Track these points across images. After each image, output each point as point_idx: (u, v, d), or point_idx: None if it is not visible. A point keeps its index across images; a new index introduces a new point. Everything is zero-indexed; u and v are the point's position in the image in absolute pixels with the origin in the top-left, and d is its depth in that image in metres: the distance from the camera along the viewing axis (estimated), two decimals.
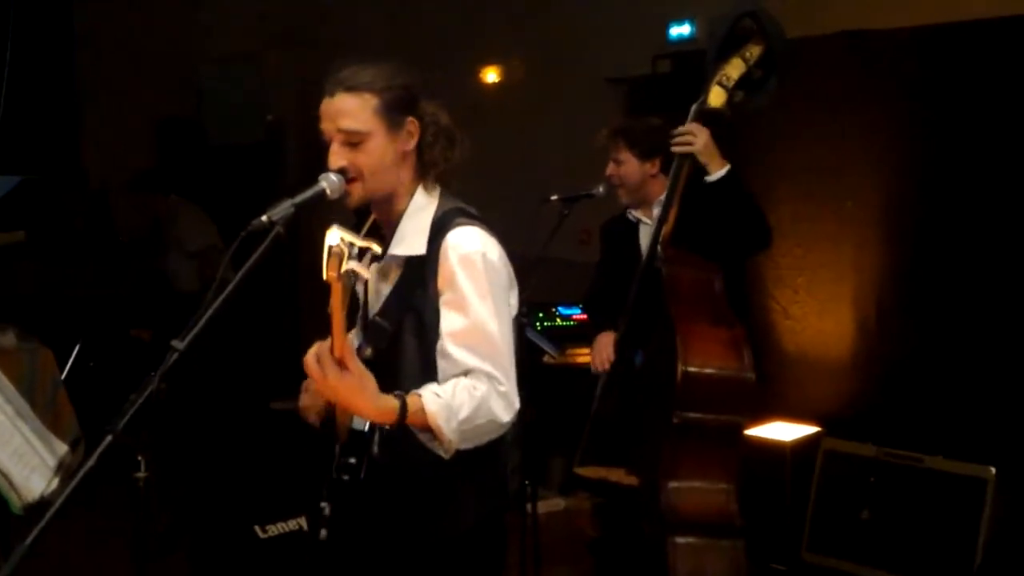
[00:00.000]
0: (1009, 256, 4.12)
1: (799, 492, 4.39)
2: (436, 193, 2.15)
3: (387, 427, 1.93)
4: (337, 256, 1.63)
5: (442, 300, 2.03)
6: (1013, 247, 4.11)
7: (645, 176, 3.53)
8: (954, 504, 3.98)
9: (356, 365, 1.82)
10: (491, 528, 2.19)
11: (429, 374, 2.03)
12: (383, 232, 2.18)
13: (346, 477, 2.08)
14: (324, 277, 1.64)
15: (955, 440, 4.13)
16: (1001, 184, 4.14)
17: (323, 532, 2.17)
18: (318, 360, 1.80)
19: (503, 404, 1.99)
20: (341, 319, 1.74)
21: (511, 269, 2.12)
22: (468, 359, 1.98)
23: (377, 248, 1.77)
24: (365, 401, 1.85)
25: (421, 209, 2.12)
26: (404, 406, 1.88)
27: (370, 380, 1.85)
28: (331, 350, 1.80)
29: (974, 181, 4.22)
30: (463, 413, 1.92)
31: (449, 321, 2.01)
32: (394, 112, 2.05)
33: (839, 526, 4.27)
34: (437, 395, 1.92)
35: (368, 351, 2.04)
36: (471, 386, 1.96)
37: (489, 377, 1.98)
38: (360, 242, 1.67)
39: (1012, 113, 4.10)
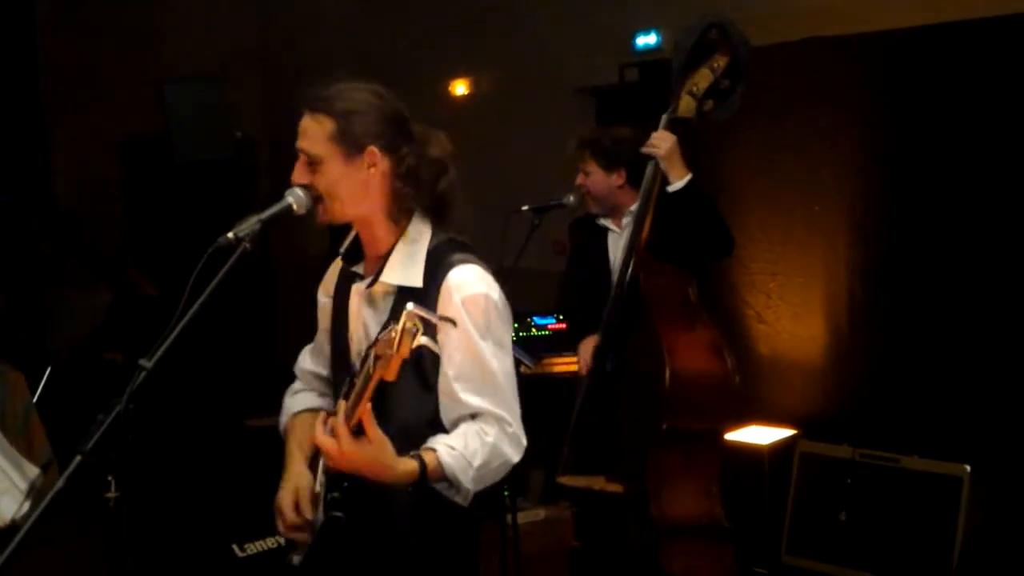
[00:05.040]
0: (979, 255, 4.17)
1: (777, 495, 4.41)
2: (427, 223, 2.09)
3: (407, 490, 1.90)
4: (411, 333, 1.65)
5: (444, 339, 1.98)
6: (983, 247, 4.16)
7: (611, 187, 3.56)
8: (930, 503, 4.01)
9: (375, 432, 1.81)
10: (463, 542, 2.17)
11: (425, 406, 2.01)
12: (365, 252, 2.14)
13: (339, 514, 2.03)
14: (396, 354, 1.66)
15: (930, 439, 4.16)
16: (968, 184, 4.19)
17: (296, 558, 2.15)
18: (332, 433, 1.80)
19: (513, 445, 2.01)
20: (374, 387, 1.75)
21: (509, 306, 2.10)
22: (476, 402, 1.98)
23: (437, 322, 1.77)
24: (385, 469, 1.85)
25: (414, 239, 2.07)
26: (423, 466, 1.88)
27: (388, 446, 1.84)
28: (346, 417, 1.80)
29: (941, 182, 4.26)
30: (477, 461, 1.93)
31: (455, 363, 1.98)
32: (351, 139, 1.98)
33: (818, 528, 4.29)
34: (451, 447, 1.92)
35: None
36: (481, 431, 1.96)
37: (498, 420, 1.99)
38: (436, 319, 1.72)
39: (977, 114, 4.15)
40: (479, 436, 1.95)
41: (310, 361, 2.35)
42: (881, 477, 4.16)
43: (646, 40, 5.43)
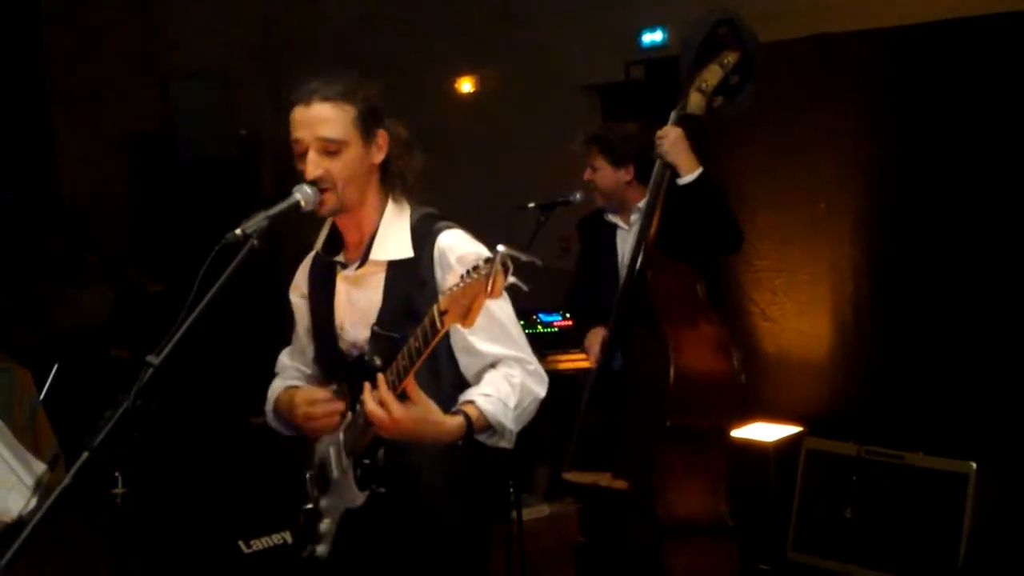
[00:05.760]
0: (985, 252, 4.15)
1: (783, 492, 4.41)
2: (404, 201, 2.19)
3: (459, 442, 1.97)
4: (502, 273, 1.67)
5: None
6: (988, 244, 4.15)
7: (619, 183, 3.54)
8: (936, 500, 4.00)
9: (420, 395, 1.90)
10: (475, 536, 2.21)
11: (434, 371, 2.07)
12: (345, 240, 2.20)
13: (381, 489, 2.08)
14: (486, 294, 1.67)
15: (935, 436, 4.15)
16: (972, 181, 4.18)
17: (321, 549, 2.16)
18: (379, 403, 1.86)
19: (538, 381, 2.11)
20: (436, 343, 1.80)
21: None
22: (494, 350, 2.08)
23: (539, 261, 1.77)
24: (435, 427, 1.93)
25: (396, 216, 2.16)
26: (468, 418, 1.96)
27: (434, 406, 1.93)
28: (391, 386, 1.86)
29: (945, 179, 4.25)
30: (512, 401, 2.03)
31: None
32: (368, 124, 2.08)
33: (823, 525, 4.29)
34: (486, 395, 2.01)
35: (378, 362, 2.04)
36: (507, 375, 2.06)
37: (517, 361, 2.09)
38: (525, 257, 1.70)
39: (983, 111, 4.13)
40: (506, 379, 2.05)
41: (289, 359, 2.43)
42: (887, 474, 4.16)
43: (652, 37, 5.43)
